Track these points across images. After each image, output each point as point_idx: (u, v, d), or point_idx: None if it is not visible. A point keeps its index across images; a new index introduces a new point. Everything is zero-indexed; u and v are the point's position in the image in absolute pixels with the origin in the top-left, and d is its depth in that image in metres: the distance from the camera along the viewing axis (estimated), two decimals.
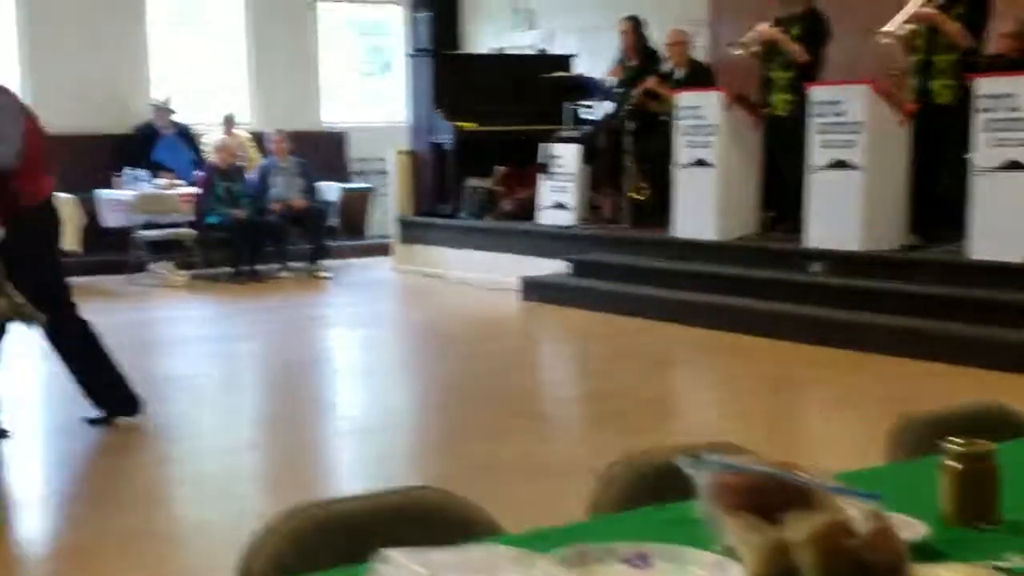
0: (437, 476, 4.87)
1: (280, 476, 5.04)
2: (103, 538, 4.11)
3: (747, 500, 1.53)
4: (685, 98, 8.71)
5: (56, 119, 10.97)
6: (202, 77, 12.61)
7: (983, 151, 7.01)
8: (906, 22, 7.39)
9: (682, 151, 8.65)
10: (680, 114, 8.67)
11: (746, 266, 8.28)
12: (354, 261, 11.49)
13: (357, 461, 5.33)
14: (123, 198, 10.51)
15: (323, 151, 12.21)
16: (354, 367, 7.45)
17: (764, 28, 8.41)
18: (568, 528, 1.72)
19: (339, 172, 12.41)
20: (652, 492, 1.92)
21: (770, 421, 5.63)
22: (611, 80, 9.81)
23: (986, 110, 7.00)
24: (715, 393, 6.52)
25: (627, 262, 9.05)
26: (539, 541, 1.54)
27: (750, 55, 8.49)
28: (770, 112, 8.49)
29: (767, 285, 7.91)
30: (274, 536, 1.65)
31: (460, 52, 12.43)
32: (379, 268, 11.27)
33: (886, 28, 7.47)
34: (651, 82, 9.30)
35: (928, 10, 7.31)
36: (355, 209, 12.00)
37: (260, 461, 5.36)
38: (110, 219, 10.57)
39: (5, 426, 5.30)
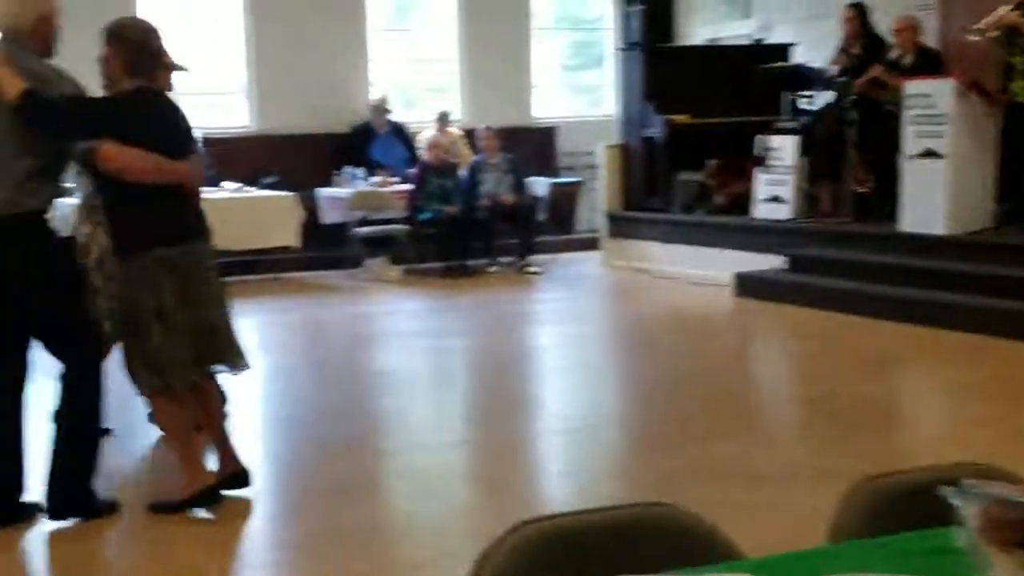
0: (649, 478, 4.74)
1: (489, 474, 5.01)
2: (321, 529, 4.17)
3: (1022, 535, 1.36)
4: (914, 86, 8.23)
5: (281, 121, 11.47)
6: (417, 75, 12.87)
7: None
8: None
9: (910, 141, 8.18)
10: (908, 103, 8.20)
11: (979, 262, 7.76)
12: (563, 256, 11.45)
13: (567, 461, 5.25)
14: (341, 195, 10.80)
15: (533, 146, 12.22)
16: (563, 364, 7.38)
17: (1004, 12, 7.86)
18: (812, 553, 1.56)
19: (548, 167, 12.41)
20: (901, 516, 1.73)
21: (1013, 432, 5.20)
22: (832, 69, 9.39)
23: None
24: (947, 399, 6.11)
25: (848, 257, 8.64)
26: (782, 568, 1.39)
27: (988, 41, 7.95)
28: (1009, 100, 7.93)
29: (1003, 282, 7.38)
30: (501, 549, 1.56)
31: (672, 45, 12.19)
32: (588, 263, 11.18)
33: None
34: (877, 70, 8.84)
35: None
36: (564, 204, 11.97)
37: (469, 458, 5.35)
38: (329, 216, 10.87)
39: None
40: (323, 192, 10.99)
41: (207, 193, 9.85)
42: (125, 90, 4.07)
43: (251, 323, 8.71)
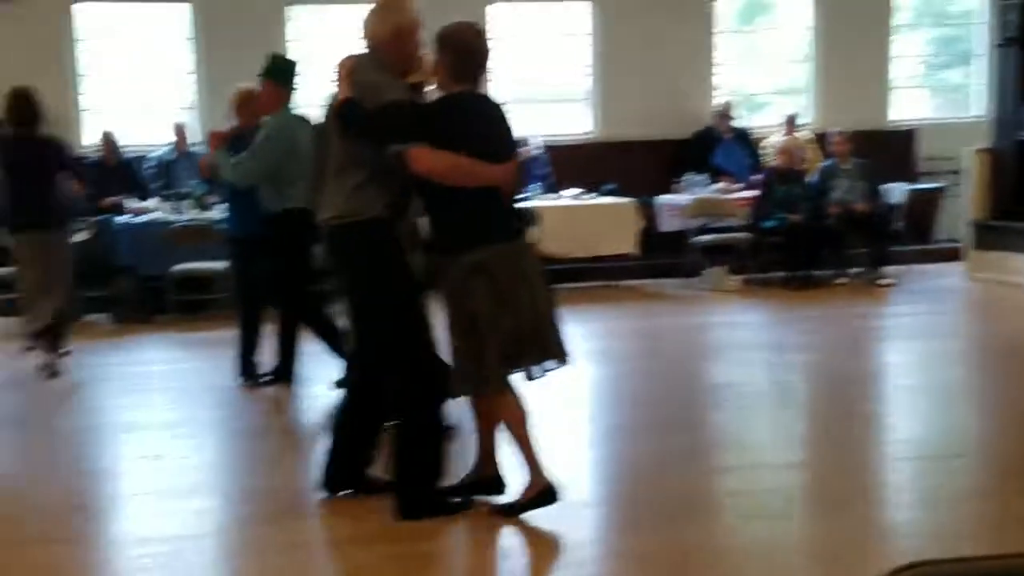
0: (1021, 518, 4.14)
1: (833, 498, 4.57)
2: (654, 544, 3.97)
3: None
4: None
5: (622, 127, 11.38)
6: (764, 78, 12.40)
7: None
8: None
9: None
10: None
11: None
12: (919, 267, 10.59)
13: (918, 490, 4.70)
14: (680, 202, 10.56)
15: (889, 150, 11.41)
16: (916, 384, 6.73)
17: None
18: None
19: (906, 172, 11.53)
20: None
21: None
22: None
23: None
24: None
25: None
26: None
27: None
28: None
29: None
30: None
31: None
32: (947, 275, 10.29)
33: None
34: None
35: None
36: (922, 212, 11.09)
37: (811, 480, 4.93)
38: (667, 223, 10.64)
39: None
40: (662, 199, 10.79)
41: (549, 200, 10.09)
42: (447, 95, 4.07)
43: (584, 330, 8.65)
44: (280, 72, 6.08)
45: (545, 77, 11.60)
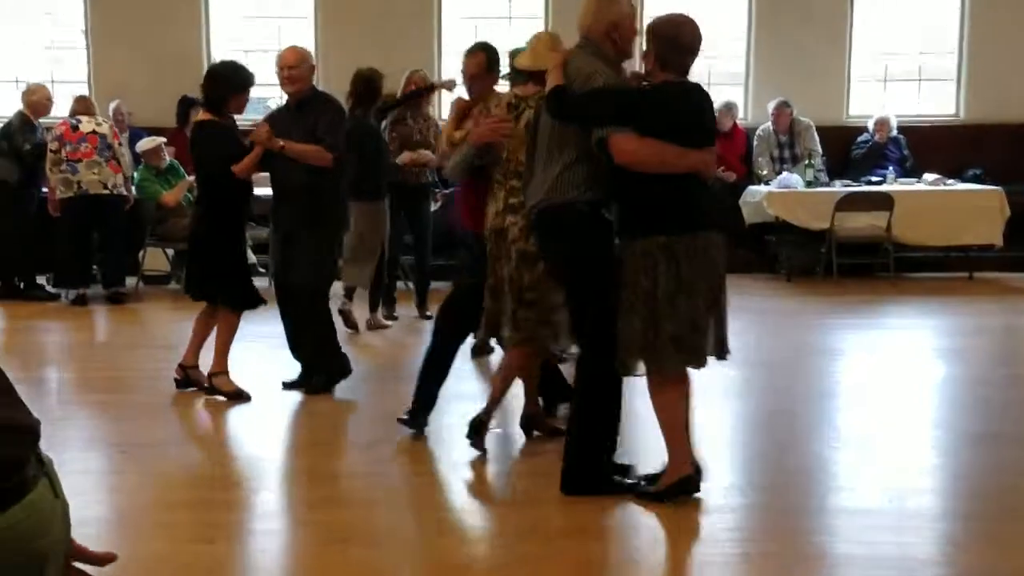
0: None
1: None
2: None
3: None
4: None
5: (992, 108, 10.51)
6: None
7: None
8: None
9: None
10: None
11: None
12: None
13: None
14: None
15: None
16: None
17: None
18: None
19: None
20: None
21: None
22: None
23: None
24: None
25: None
26: None
27: None
28: None
29: None
30: None
31: None
32: None
33: None
34: None
35: None
36: None
37: None
38: None
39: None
40: None
41: (906, 185, 9.50)
42: (654, 84, 4.14)
43: (938, 325, 8.08)
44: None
45: (906, 56, 10.85)
